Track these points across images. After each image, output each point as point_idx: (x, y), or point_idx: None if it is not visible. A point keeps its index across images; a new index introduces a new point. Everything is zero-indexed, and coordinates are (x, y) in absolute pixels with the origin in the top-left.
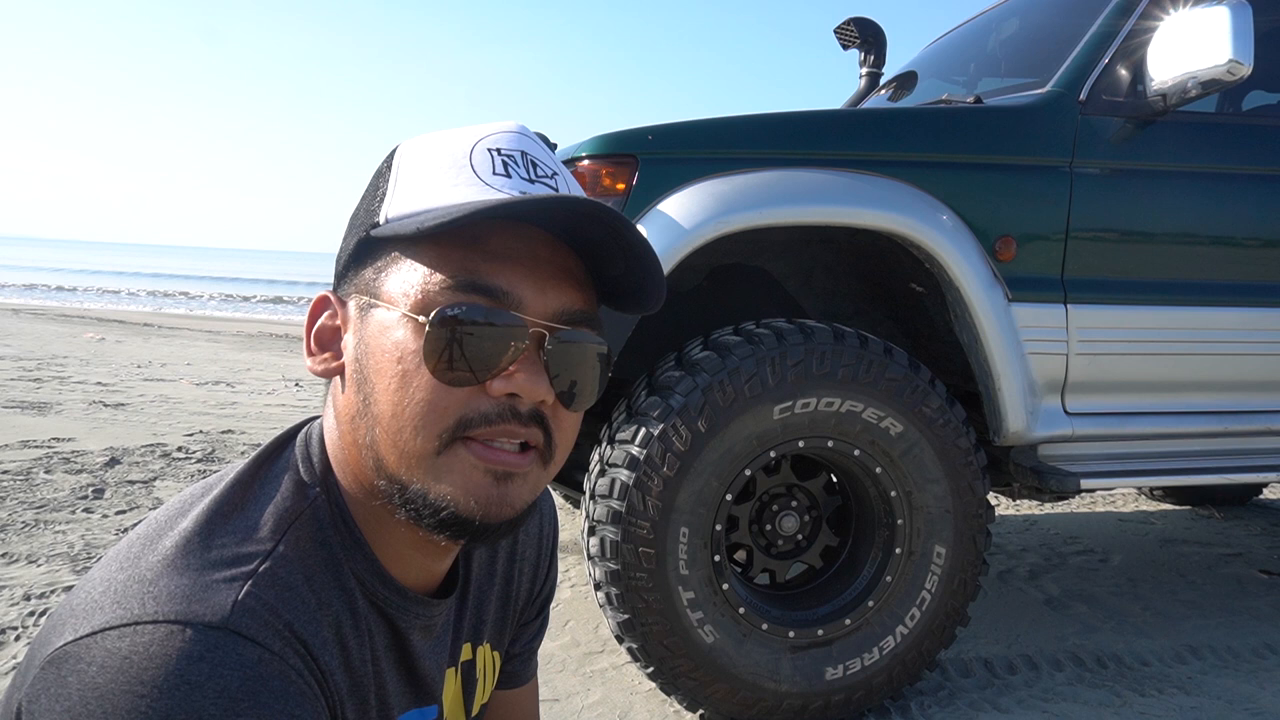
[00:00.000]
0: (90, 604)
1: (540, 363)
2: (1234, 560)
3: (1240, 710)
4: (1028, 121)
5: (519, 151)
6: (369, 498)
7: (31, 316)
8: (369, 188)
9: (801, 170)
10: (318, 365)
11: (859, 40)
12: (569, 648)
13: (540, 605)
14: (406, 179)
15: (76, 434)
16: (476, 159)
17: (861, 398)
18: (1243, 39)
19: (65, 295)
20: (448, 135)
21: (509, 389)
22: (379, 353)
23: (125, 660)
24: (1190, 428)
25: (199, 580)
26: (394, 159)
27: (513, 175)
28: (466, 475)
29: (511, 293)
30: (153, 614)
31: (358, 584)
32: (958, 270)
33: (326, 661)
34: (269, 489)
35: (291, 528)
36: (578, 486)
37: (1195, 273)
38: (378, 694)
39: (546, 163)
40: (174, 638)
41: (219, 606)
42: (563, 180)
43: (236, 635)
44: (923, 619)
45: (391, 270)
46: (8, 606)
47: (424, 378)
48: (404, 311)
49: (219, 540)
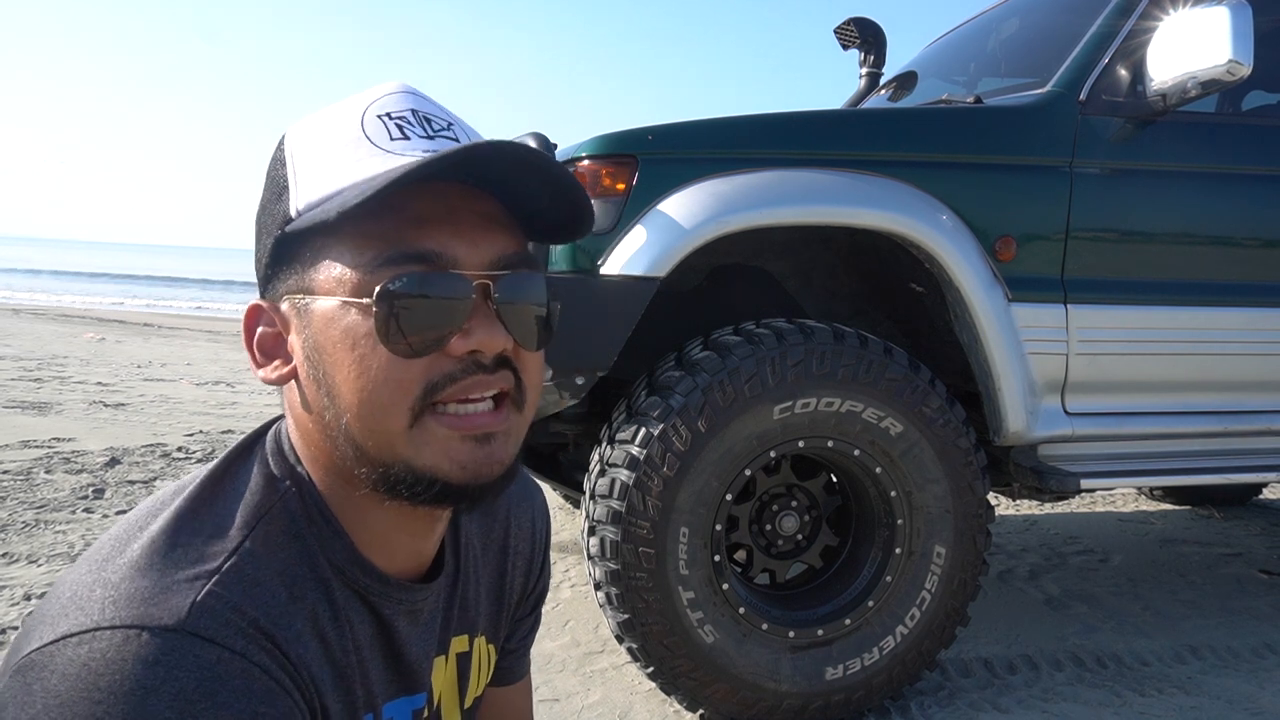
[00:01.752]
0: (57, 610)
1: (492, 313)
2: (1234, 560)
3: (1240, 710)
4: (1028, 121)
5: (409, 110)
6: (348, 487)
7: (31, 316)
8: (268, 184)
9: (801, 170)
10: (270, 374)
11: (859, 40)
12: (569, 648)
13: (534, 601)
14: (306, 165)
15: (77, 434)
16: (370, 129)
17: (861, 398)
18: (1243, 39)
19: (65, 295)
20: (333, 111)
21: (469, 346)
22: (330, 345)
23: (84, 667)
24: (1190, 428)
25: (160, 582)
26: (285, 148)
27: (411, 137)
28: (445, 444)
29: (444, 253)
30: (110, 620)
31: (336, 573)
32: (958, 270)
33: (300, 655)
34: (238, 486)
35: (261, 522)
36: (578, 486)
37: (1195, 273)
38: (363, 683)
39: (439, 115)
40: (129, 643)
41: (176, 609)
42: (459, 129)
43: (193, 637)
44: (923, 619)
45: (319, 261)
46: (8, 606)
47: (382, 357)
48: (344, 298)
49: (185, 540)
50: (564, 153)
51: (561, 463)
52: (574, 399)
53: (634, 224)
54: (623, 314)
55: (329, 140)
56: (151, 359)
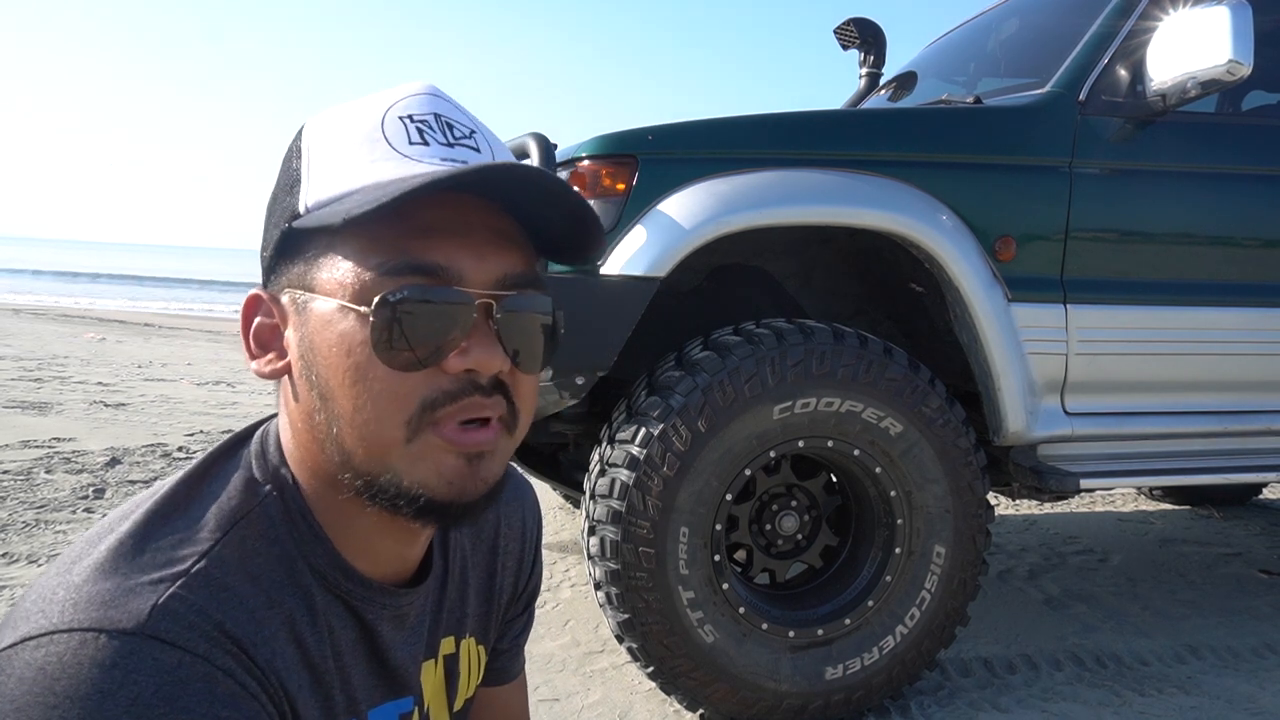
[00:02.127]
0: (22, 612)
1: (492, 333)
2: (1234, 560)
3: (1240, 710)
4: (1027, 121)
5: (431, 115)
6: (333, 492)
7: (32, 316)
8: (282, 174)
9: (801, 170)
10: (264, 367)
11: (859, 40)
12: (569, 648)
13: (526, 600)
14: (320, 161)
15: (77, 434)
16: (390, 130)
17: (861, 398)
18: (1243, 39)
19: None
20: (355, 107)
21: (465, 364)
22: (326, 348)
23: (39, 671)
24: (1190, 428)
25: (122, 585)
26: (302, 140)
27: (430, 142)
28: (439, 460)
29: (450, 267)
30: (69, 622)
31: (317, 578)
32: (957, 270)
33: (269, 660)
34: (215, 489)
35: (235, 527)
36: (578, 486)
37: (1195, 273)
38: (343, 689)
39: (462, 122)
40: (86, 646)
41: (136, 611)
42: (481, 137)
43: (153, 640)
44: (922, 619)
45: (323, 260)
46: (8, 606)
47: (378, 368)
48: (343, 302)
49: (154, 543)
50: (564, 153)
51: (561, 463)
52: (574, 399)
53: (634, 224)
54: (623, 314)
55: (346, 137)
56: (152, 359)
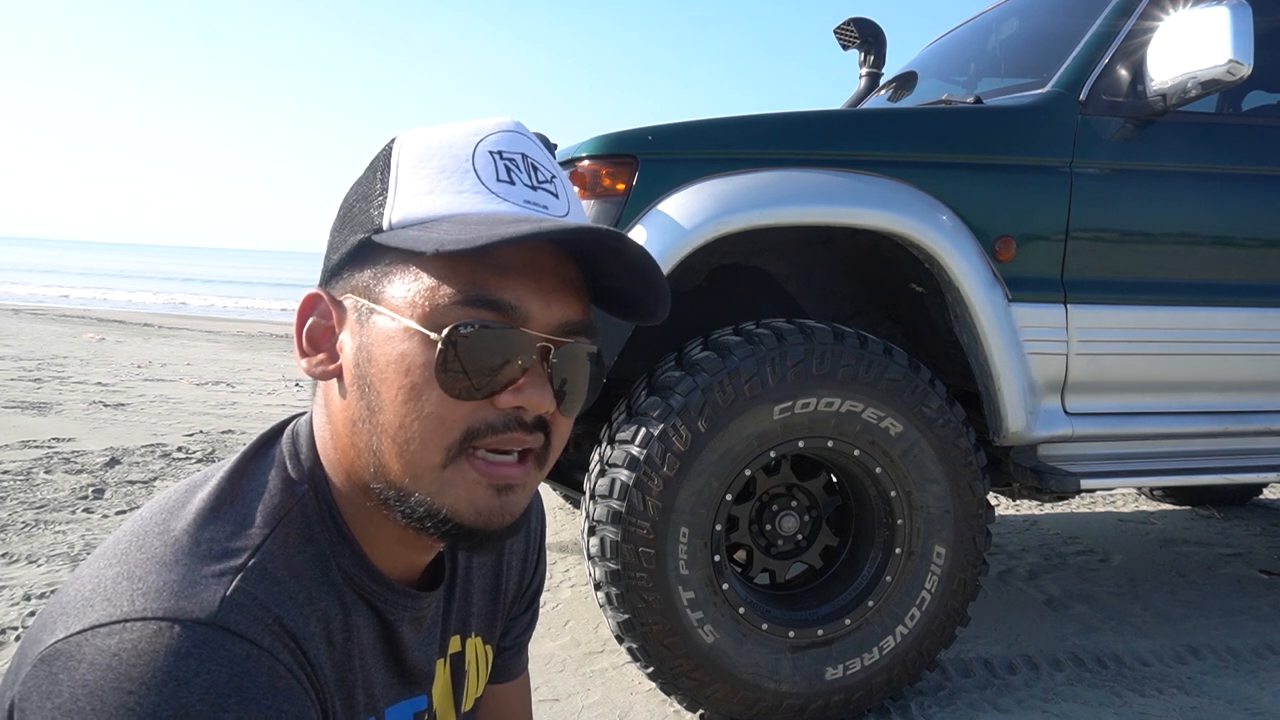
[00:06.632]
0: (81, 601)
1: (545, 375)
2: (1234, 560)
3: (1240, 710)
4: (1028, 121)
5: (519, 154)
6: (361, 497)
7: (31, 316)
8: (365, 181)
9: (801, 170)
10: (314, 368)
11: (859, 40)
12: (569, 648)
13: (530, 599)
14: (408, 181)
15: (77, 434)
16: (479, 163)
17: (861, 398)
18: (1243, 39)
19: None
20: (447, 133)
21: (517, 402)
22: (384, 362)
23: (114, 657)
24: (1190, 428)
25: (188, 575)
26: (392, 155)
27: (516, 182)
28: (471, 489)
29: (519, 307)
30: (141, 611)
31: (346, 579)
32: (958, 270)
33: (315, 655)
34: (256, 486)
35: (280, 524)
36: (578, 486)
37: (1195, 273)
38: (364, 688)
39: (545, 165)
40: (162, 634)
41: (207, 602)
42: (560, 183)
43: (225, 631)
44: (923, 619)
45: (395, 276)
46: (8, 606)
47: (434, 392)
48: (412, 323)
49: (208, 536)
50: (564, 153)
51: (561, 463)
52: None
53: (634, 224)
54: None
55: (436, 162)
56: (151, 359)
